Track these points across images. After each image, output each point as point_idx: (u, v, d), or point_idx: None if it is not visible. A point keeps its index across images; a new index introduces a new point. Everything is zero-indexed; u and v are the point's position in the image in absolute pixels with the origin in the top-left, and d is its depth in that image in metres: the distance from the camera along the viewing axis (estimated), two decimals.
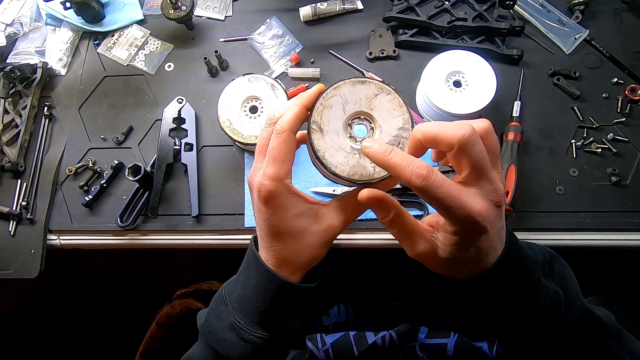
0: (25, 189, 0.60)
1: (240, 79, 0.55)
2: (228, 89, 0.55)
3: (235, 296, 0.41)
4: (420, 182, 0.29)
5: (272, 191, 0.36)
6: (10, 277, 0.57)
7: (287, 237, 0.37)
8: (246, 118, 0.55)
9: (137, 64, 0.68)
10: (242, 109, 0.55)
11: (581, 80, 0.61)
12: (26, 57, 0.69)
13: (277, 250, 0.38)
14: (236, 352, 0.39)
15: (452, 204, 0.29)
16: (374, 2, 0.68)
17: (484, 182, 0.30)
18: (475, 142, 0.29)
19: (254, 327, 0.39)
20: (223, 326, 0.40)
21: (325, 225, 0.38)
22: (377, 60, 0.64)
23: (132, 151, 0.62)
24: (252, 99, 0.56)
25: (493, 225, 0.31)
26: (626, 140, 0.57)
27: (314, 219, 0.37)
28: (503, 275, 0.34)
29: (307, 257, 0.39)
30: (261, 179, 0.36)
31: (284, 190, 0.36)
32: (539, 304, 0.35)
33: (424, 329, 0.59)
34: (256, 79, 0.55)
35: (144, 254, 1.06)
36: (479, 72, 0.56)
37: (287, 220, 0.37)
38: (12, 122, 0.64)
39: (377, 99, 0.34)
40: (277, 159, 0.35)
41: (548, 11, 0.64)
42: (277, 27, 0.67)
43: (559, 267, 0.41)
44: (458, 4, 0.64)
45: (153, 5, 0.71)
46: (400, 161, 0.30)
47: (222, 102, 0.55)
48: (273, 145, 0.35)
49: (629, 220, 0.53)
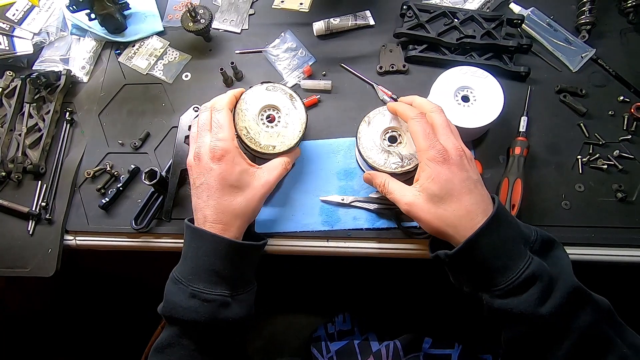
0: (45, 190, 0.63)
1: (258, 87, 0.55)
2: (246, 97, 0.54)
3: (188, 270, 0.46)
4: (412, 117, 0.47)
5: (226, 148, 0.47)
6: (27, 275, 0.59)
7: (235, 190, 0.48)
8: (263, 127, 0.54)
9: (155, 73, 0.70)
10: (260, 117, 0.54)
11: (587, 98, 0.62)
12: (51, 65, 0.72)
13: (224, 206, 0.47)
14: (202, 313, 0.43)
15: (421, 137, 0.45)
16: (385, 19, 0.70)
17: (432, 141, 0.45)
18: (420, 118, 0.46)
19: (213, 287, 0.44)
20: (183, 298, 0.44)
21: (262, 181, 0.50)
22: (387, 75, 0.66)
23: (148, 156, 0.64)
24: (270, 107, 0.55)
25: (451, 165, 0.43)
26: (632, 157, 0.58)
27: (253, 177, 0.49)
28: (490, 237, 0.40)
29: (250, 208, 0.49)
30: (214, 143, 0.47)
31: (234, 148, 0.48)
32: (524, 267, 0.39)
33: (428, 340, 0.59)
34: (274, 88, 0.55)
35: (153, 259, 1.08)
36: (487, 88, 0.57)
37: (236, 175, 0.48)
38: (36, 126, 0.66)
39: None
40: (224, 126, 0.48)
41: (555, 30, 0.66)
42: (291, 41, 0.70)
43: (556, 252, 0.43)
44: (467, 22, 0.66)
45: (173, 17, 0.75)
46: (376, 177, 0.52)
47: (239, 110, 0.54)
48: (218, 117, 0.49)
49: (635, 237, 0.54)
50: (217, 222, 0.47)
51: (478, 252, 0.40)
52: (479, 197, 0.43)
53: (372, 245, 0.57)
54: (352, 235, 0.57)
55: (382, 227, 0.57)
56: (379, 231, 0.57)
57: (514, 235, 0.41)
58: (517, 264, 0.39)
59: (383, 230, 0.57)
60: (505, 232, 0.41)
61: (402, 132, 0.54)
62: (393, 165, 0.52)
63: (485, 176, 0.59)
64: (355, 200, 0.57)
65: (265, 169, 0.51)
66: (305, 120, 0.54)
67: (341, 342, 0.61)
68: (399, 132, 0.54)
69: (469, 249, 0.40)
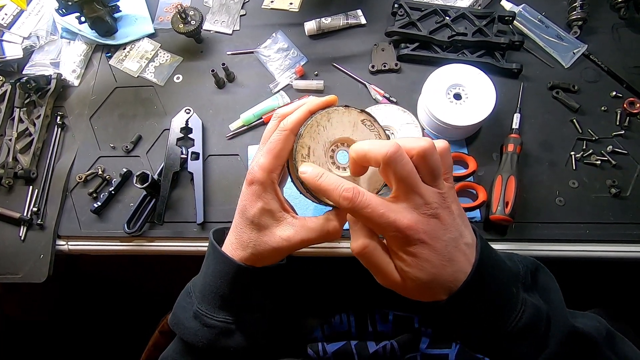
0: (37, 195, 0.62)
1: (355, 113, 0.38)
2: (333, 116, 0.37)
3: (198, 287, 0.42)
4: (347, 204, 0.32)
5: (256, 178, 0.38)
6: (19, 282, 0.58)
7: (251, 225, 0.39)
8: (329, 161, 0.38)
9: (147, 75, 0.70)
10: (331, 149, 0.38)
11: (580, 94, 0.62)
12: (41, 69, 0.71)
13: (239, 233, 0.40)
14: (201, 338, 0.40)
15: (380, 221, 0.31)
16: (377, 17, 0.70)
17: (413, 196, 0.32)
18: (400, 160, 0.31)
19: (216, 312, 0.40)
20: (188, 316, 0.41)
21: (285, 234, 0.38)
22: (379, 73, 0.66)
23: (140, 159, 0.64)
24: (347, 144, 0.39)
25: (433, 237, 0.32)
26: (625, 152, 0.58)
27: (277, 224, 0.39)
28: (476, 292, 0.34)
29: (260, 253, 0.39)
30: (252, 165, 0.39)
31: (266, 182, 0.38)
32: (517, 320, 0.34)
33: (425, 339, 0.59)
34: (371, 127, 0.38)
35: (148, 262, 1.07)
36: (479, 85, 0.57)
37: (256, 212, 0.38)
38: (26, 131, 0.66)
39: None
40: (270, 152, 0.38)
41: (547, 27, 0.66)
42: (282, 41, 0.70)
43: (543, 279, 0.41)
44: (458, 20, 0.66)
45: (164, 19, 0.74)
46: (329, 184, 0.33)
47: (315, 123, 0.37)
48: (272, 139, 0.37)
49: (629, 232, 0.54)
50: (233, 245, 0.41)
51: (494, 276, 0.35)
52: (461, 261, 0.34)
53: None
54: (346, 236, 0.57)
55: None
56: None
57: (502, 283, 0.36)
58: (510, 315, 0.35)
59: None
60: (491, 285, 0.35)
61: (394, 130, 0.54)
62: None
63: (479, 174, 0.58)
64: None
65: (299, 224, 0.38)
66: (382, 187, 0.39)
67: (338, 343, 0.61)
68: (391, 131, 0.54)
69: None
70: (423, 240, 0.32)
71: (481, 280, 0.34)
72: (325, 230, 0.38)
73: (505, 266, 0.38)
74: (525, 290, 0.38)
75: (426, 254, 0.32)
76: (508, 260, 0.39)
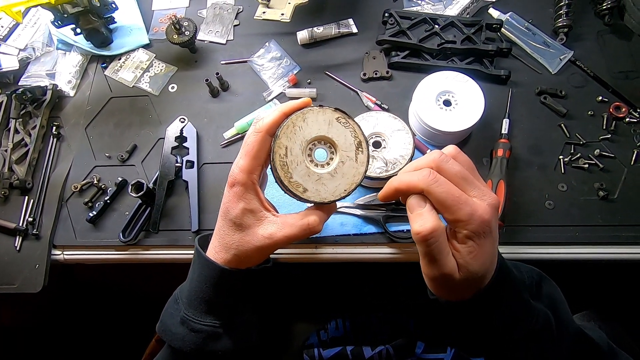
0: (32, 205, 0.62)
1: (329, 112, 0.39)
2: (309, 116, 0.38)
3: (185, 293, 0.43)
4: (429, 179, 0.32)
5: (237, 180, 0.39)
6: (15, 292, 0.58)
7: (233, 226, 0.40)
8: (307, 159, 0.40)
9: (142, 85, 0.71)
10: (309, 148, 0.40)
11: (567, 99, 0.63)
12: (37, 80, 0.72)
13: (222, 236, 0.41)
14: (188, 343, 0.41)
15: (458, 201, 0.32)
16: (368, 26, 0.71)
17: (474, 189, 0.33)
18: (448, 159, 0.33)
19: (202, 316, 0.41)
20: (175, 322, 0.42)
21: (267, 232, 0.39)
22: (371, 81, 0.67)
23: (135, 168, 0.65)
24: (326, 142, 0.40)
25: (495, 229, 0.33)
26: (612, 156, 0.59)
27: (260, 223, 0.40)
28: (495, 296, 0.35)
29: (244, 253, 0.40)
30: (233, 167, 0.40)
31: (247, 182, 0.39)
32: (532, 326, 0.36)
33: (421, 344, 0.59)
34: (346, 124, 0.40)
35: (144, 270, 1.07)
36: (468, 92, 0.58)
37: (238, 212, 0.39)
38: (22, 142, 0.66)
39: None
40: (248, 154, 0.39)
41: (533, 34, 0.67)
42: (275, 50, 0.71)
43: (547, 288, 0.42)
44: (447, 28, 0.67)
45: (158, 30, 0.75)
46: (407, 171, 0.35)
47: (291, 124, 0.38)
48: (248, 141, 0.39)
49: (618, 234, 0.55)
50: (216, 248, 0.42)
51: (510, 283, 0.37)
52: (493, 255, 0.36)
53: (359, 251, 0.58)
54: (339, 241, 0.58)
55: (369, 233, 0.57)
56: (365, 236, 0.57)
57: (518, 289, 0.38)
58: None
59: (370, 236, 0.57)
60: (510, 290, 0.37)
61: (385, 137, 0.55)
62: (377, 170, 0.53)
63: None
64: (342, 207, 0.58)
65: (280, 221, 0.40)
66: (360, 181, 0.40)
67: (334, 349, 0.61)
68: (383, 138, 0.55)
69: None
70: (491, 231, 0.33)
71: (502, 284, 0.35)
72: (306, 224, 0.40)
73: (515, 274, 0.38)
74: (532, 298, 0.38)
75: (489, 246, 0.33)
76: (515, 270, 0.40)
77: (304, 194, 0.39)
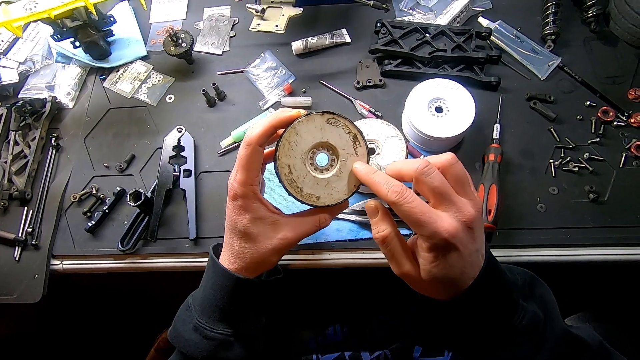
0: (31, 215, 0.63)
1: (318, 117, 0.39)
2: (300, 127, 0.39)
3: (198, 300, 0.44)
4: (395, 197, 0.34)
5: (238, 193, 0.40)
6: (14, 302, 0.59)
7: (244, 237, 0.42)
8: (311, 169, 0.41)
9: (140, 96, 0.72)
10: (309, 157, 0.41)
11: (556, 104, 0.65)
12: (37, 92, 0.73)
13: (234, 248, 0.42)
14: (201, 350, 0.41)
15: (422, 218, 0.33)
16: (361, 36, 0.73)
17: (448, 205, 0.34)
18: (430, 172, 0.34)
19: (215, 324, 0.42)
20: (188, 329, 0.43)
21: (280, 234, 0.41)
22: (364, 89, 0.69)
23: (133, 178, 0.65)
24: (324, 147, 0.41)
25: (465, 245, 0.34)
26: (602, 159, 0.60)
27: (271, 227, 0.42)
28: (479, 296, 0.36)
29: (259, 259, 0.42)
30: (232, 181, 0.41)
31: (249, 194, 0.41)
32: (517, 323, 0.37)
33: (419, 348, 0.60)
34: (337, 123, 0.40)
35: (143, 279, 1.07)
36: (459, 99, 0.60)
37: (246, 222, 0.41)
38: (21, 153, 0.67)
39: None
40: (243, 167, 0.40)
41: (522, 41, 0.69)
42: (271, 60, 0.72)
43: (539, 290, 0.42)
44: (438, 37, 0.69)
45: (156, 42, 0.77)
46: (380, 180, 0.36)
47: (286, 142, 0.39)
48: (241, 155, 0.40)
49: (608, 236, 0.56)
50: (230, 259, 0.43)
51: (498, 283, 0.38)
52: (476, 270, 0.36)
53: (355, 256, 0.58)
54: (335, 247, 0.58)
55: (365, 238, 0.58)
56: (361, 242, 0.58)
57: (504, 290, 0.38)
58: None
59: (366, 241, 0.58)
60: (492, 292, 0.37)
61: (379, 143, 0.56)
62: None
63: None
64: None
65: (290, 221, 0.42)
66: (358, 186, 0.42)
67: (333, 355, 0.61)
68: (376, 144, 0.56)
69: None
70: (457, 247, 0.34)
71: (484, 286, 0.36)
72: (317, 220, 0.42)
73: (506, 277, 0.39)
74: (524, 299, 0.39)
75: (454, 259, 0.34)
76: (508, 271, 0.41)
77: (318, 201, 0.41)
